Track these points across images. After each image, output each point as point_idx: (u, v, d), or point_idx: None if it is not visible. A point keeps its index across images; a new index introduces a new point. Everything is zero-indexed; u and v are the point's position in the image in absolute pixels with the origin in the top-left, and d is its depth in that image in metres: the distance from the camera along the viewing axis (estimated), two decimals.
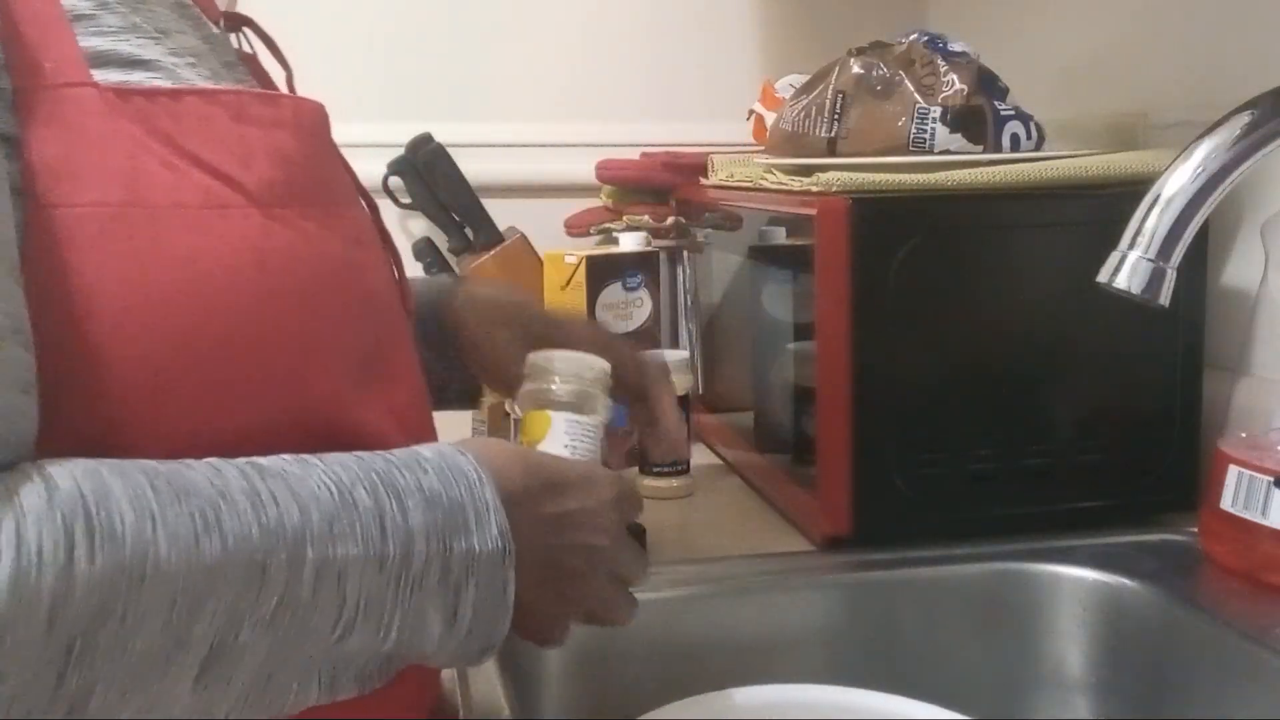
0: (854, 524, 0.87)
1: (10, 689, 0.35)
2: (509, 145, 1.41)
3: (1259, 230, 0.82)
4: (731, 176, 1.12)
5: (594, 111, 1.44)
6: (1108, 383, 0.89)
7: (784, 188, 0.93)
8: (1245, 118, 0.62)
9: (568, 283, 1.16)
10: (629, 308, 1.20)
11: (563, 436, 0.65)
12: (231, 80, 0.52)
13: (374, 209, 0.59)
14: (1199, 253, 0.89)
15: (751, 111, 1.28)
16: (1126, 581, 0.81)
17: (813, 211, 0.85)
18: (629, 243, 1.24)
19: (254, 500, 0.42)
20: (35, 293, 0.41)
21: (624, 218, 1.33)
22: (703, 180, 1.21)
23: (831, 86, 0.96)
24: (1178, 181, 0.62)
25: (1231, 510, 0.79)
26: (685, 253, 1.23)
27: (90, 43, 0.45)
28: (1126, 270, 0.63)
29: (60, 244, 0.41)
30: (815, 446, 0.87)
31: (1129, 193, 0.67)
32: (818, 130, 0.96)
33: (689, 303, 1.23)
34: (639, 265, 1.20)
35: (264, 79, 0.58)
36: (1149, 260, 0.62)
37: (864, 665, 0.83)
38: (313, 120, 0.52)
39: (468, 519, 0.47)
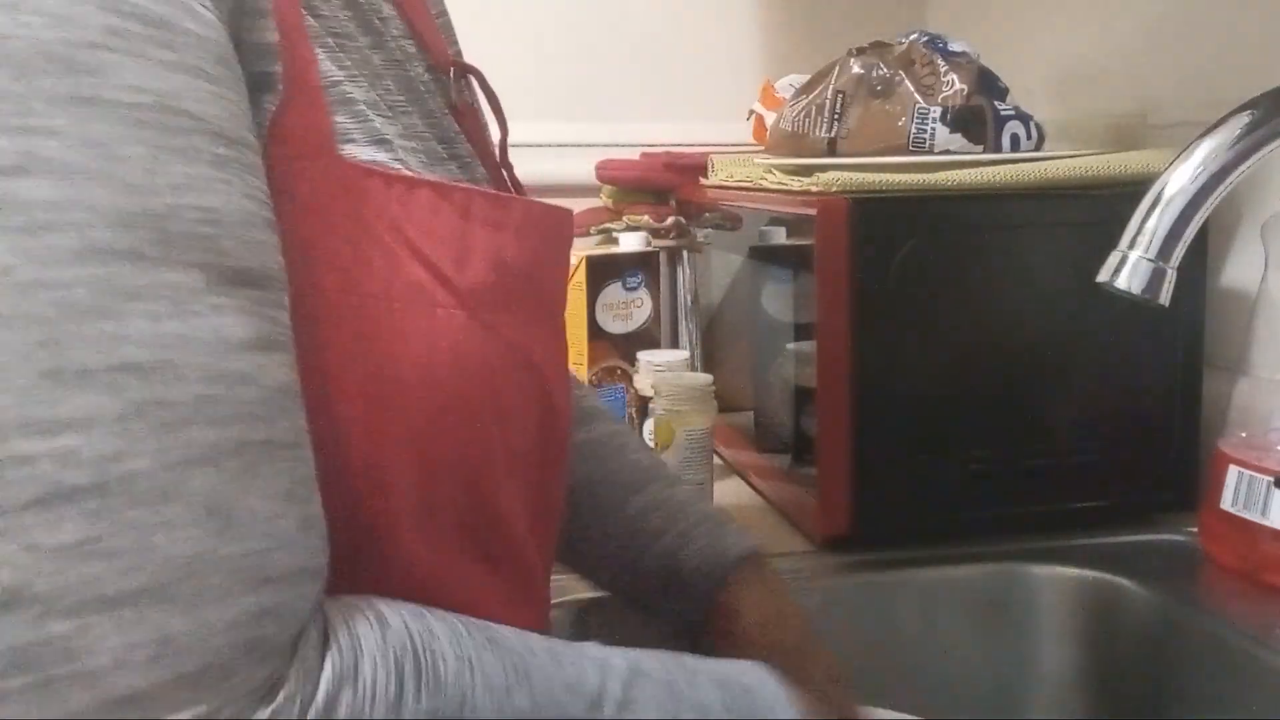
0: (854, 524, 0.87)
1: None
2: (509, 145, 1.40)
3: (1259, 230, 0.82)
4: (731, 176, 1.12)
5: (594, 111, 1.45)
6: (1107, 383, 0.89)
7: (784, 188, 0.93)
8: (1245, 118, 0.62)
9: (568, 282, 1.16)
10: (629, 308, 1.20)
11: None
12: (449, 158, 0.50)
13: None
14: (1199, 253, 0.89)
15: (751, 111, 1.28)
16: (1126, 582, 0.81)
17: (813, 211, 0.85)
18: (629, 243, 1.24)
19: (555, 658, 0.42)
20: None
21: (624, 218, 1.32)
22: (703, 180, 1.21)
23: (831, 86, 0.96)
24: (1178, 181, 0.62)
25: (1231, 510, 0.79)
26: (685, 253, 1.23)
27: (341, 117, 0.43)
28: (1126, 270, 0.63)
29: None
30: (815, 446, 0.87)
31: (1129, 193, 0.67)
32: (818, 130, 0.96)
33: (689, 303, 1.23)
34: (639, 265, 1.20)
35: (480, 138, 0.56)
36: (1149, 260, 0.62)
37: (864, 665, 0.83)
38: (543, 226, 0.49)
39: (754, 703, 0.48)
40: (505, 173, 0.57)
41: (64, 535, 0.30)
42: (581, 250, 1.19)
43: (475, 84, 0.57)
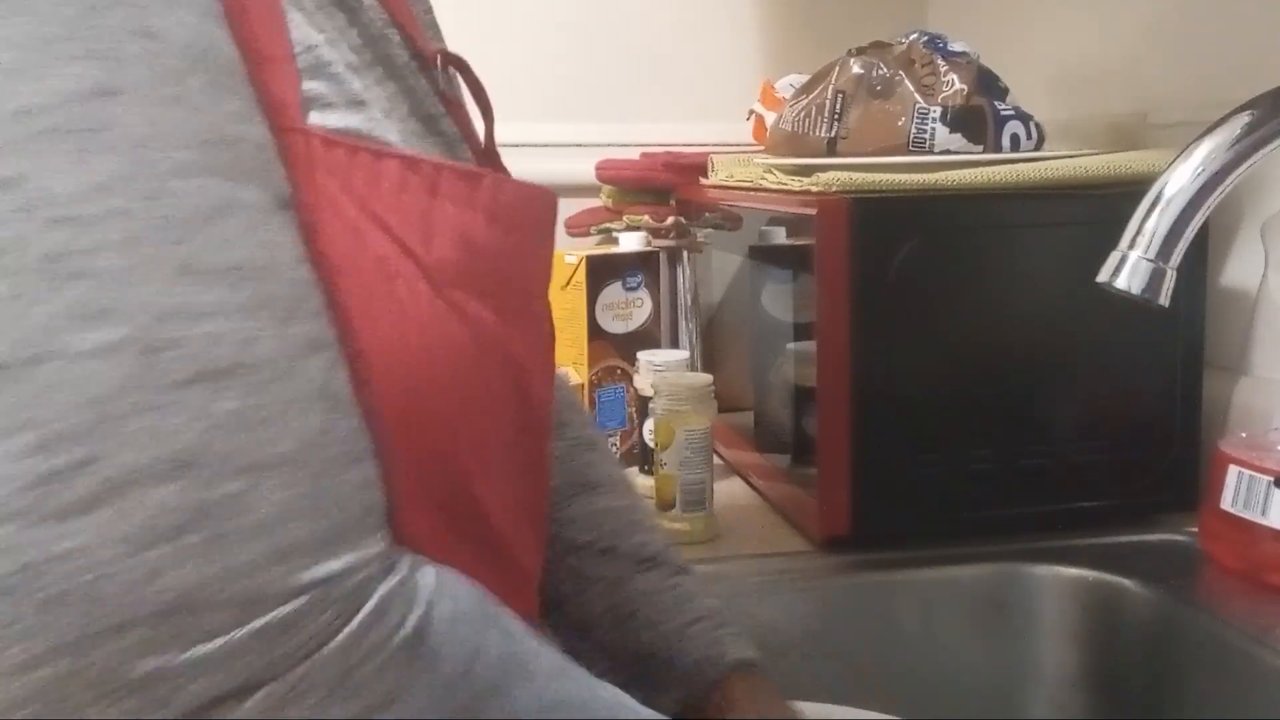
0: (854, 524, 0.87)
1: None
2: (509, 145, 1.39)
3: (1259, 230, 0.82)
4: (731, 176, 1.12)
5: (594, 111, 1.44)
6: (1108, 383, 0.89)
7: (784, 188, 0.93)
8: (1245, 118, 0.62)
9: (568, 282, 1.16)
10: (629, 308, 1.20)
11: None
12: (432, 134, 0.50)
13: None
14: (1199, 253, 0.89)
15: (751, 111, 1.28)
16: (1126, 581, 0.81)
17: (813, 211, 0.85)
18: (629, 243, 1.24)
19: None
20: None
21: (624, 218, 1.32)
22: (703, 180, 1.21)
23: (831, 86, 0.96)
24: (1178, 181, 0.62)
25: (1231, 510, 0.79)
26: (685, 253, 1.23)
27: (314, 82, 0.43)
28: (1126, 270, 0.63)
29: None
30: (815, 446, 0.87)
31: (1129, 193, 0.67)
32: (818, 130, 0.96)
33: (689, 303, 1.23)
34: (639, 265, 1.20)
35: (466, 125, 0.55)
36: (1149, 260, 0.62)
37: (864, 665, 0.83)
38: (519, 207, 0.49)
39: None
40: (493, 163, 0.57)
41: (225, 405, 0.33)
42: (581, 250, 1.19)
43: (460, 77, 0.57)
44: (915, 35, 0.97)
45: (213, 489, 0.33)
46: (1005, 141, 0.93)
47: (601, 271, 1.17)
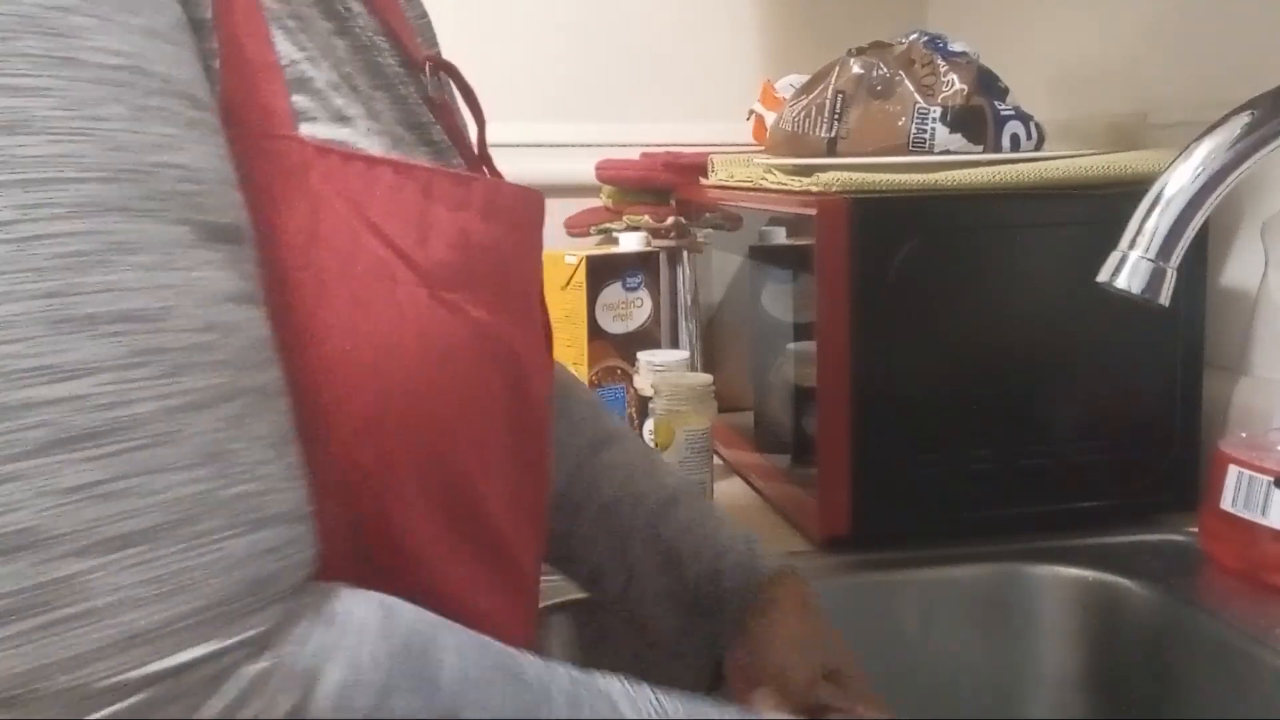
0: (854, 524, 0.87)
1: None
2: (509, 145, 1.40)
3: (1259, 230, 0.82)
4: (731, 176, 1.12)
5: (594, 111, 1.44)
6: (1107, 383, 0.89)
7: (784, 188, 0.93)
8: (1245, 118, 0.62)
9: (568, 283, 1.16)
10: (629, 308, 1.20)
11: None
12: (420, 143, 0.50)
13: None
14: (1199, 253, 0.89)
15: (751, 111, 1.28)
16: (1126, 581, 0.81)
17: (813, 211, 0.85)
18: (629, 243, 1.24)
19: (575, 706, 0.42)
20: None
21: (624, 218, 1.32)
22: (703, 180, 1.21)
23: (831, 86, 0.96)
24: (1178, 181, 0.62)
25: (1231, 510, 0.79)
26: (685, 253, 1.23)
27: (299, 96, 0.43)
28: (1126, 270, 0.63)
29: None
30: (815, 446, 0.87)
31: (1129, 193, 0.67)
32: (818, 130, 0.96)
33: (689, 303, 1.23)
34: (639, 265, 1.20)
35: (456, 131, 0.56)
36: (1149, 260, 0.62)
37: (864, 665, 0.83)
38: (510, 208, 0.49)
39: None
40: (485, 166, 0.57)
41: (75, 478, 0.31)
42: (581, 250, 1.19)
43: (451, 82, 0.57)
44: (915, 35, 0.97)
45: (49, 571, 0.30)
46: (1005, 141, 0.93)
47: (601, 271, 1.17)
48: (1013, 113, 0.94)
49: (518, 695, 0.40)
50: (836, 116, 0.95)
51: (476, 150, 0.57)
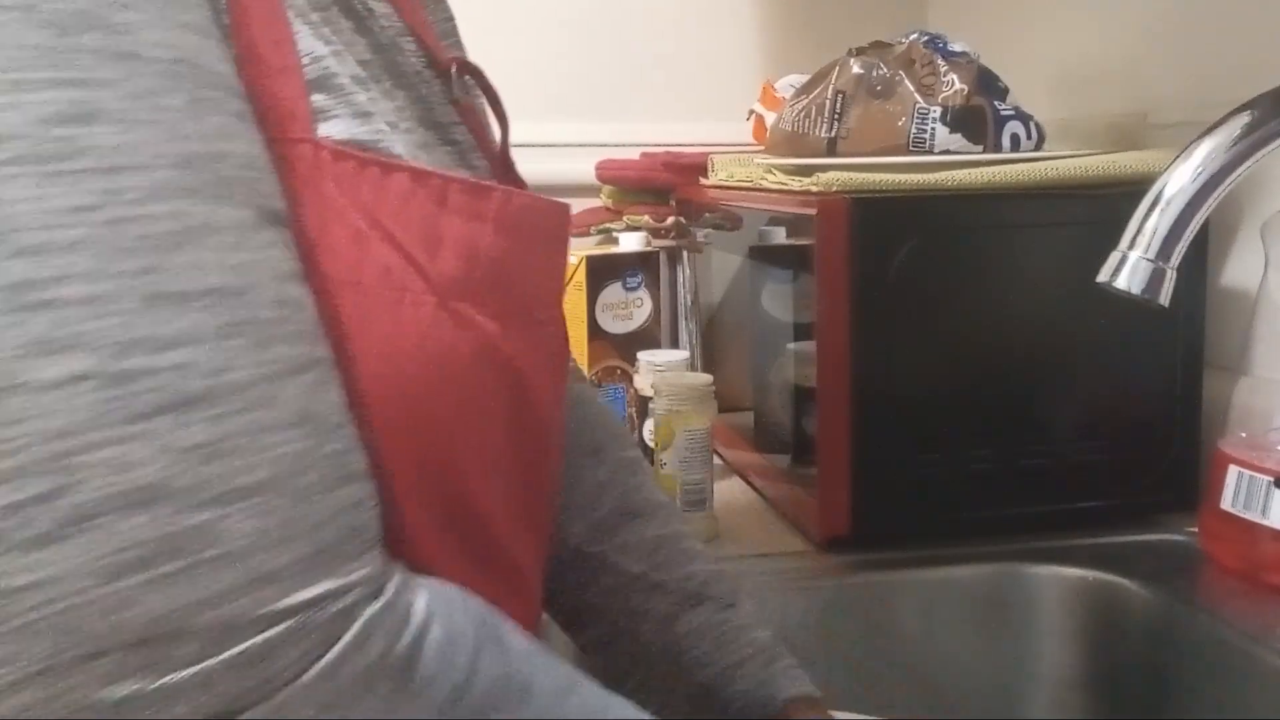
0: (853, 524, 0.87)
1: None
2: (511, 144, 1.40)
3: (1259, 230, 0.82)
4: (731, 176, 1.12)
5: (594, 111, 1.45)
6: (1107, 383, 0.89)
7: (784, 188, 0.93)
8: (1245, 118, 0.62)
9: (568, 283, 1.16)
10: (629, 308, 1.20)
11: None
12: (443, 143, 0.50)
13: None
14: (1199, 253, 0.89)
15: (751, 111, 1.28)
16: (1126, 582, 0.81)
17: (813, 211, 0.85)
18: (629, 243, 1.24)
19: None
20: None
21: (624, 218, 1.33)
22: (703, 180, 1.21)
23: (831, 86, 0.96)
24: (1178, 181, 0.62)
25: (1231, 510, 0.79)
26: (685, 253, 1.23)
27: (319, 95, 0.43)
28: (1126, 270, 0.63)
29: None
30: (815, 446, 0.87)
31: (1129, 193, 0.67)
32: (818, 130, 0.96)
33: (689, 303, 1.23)
34: (639, 265, 1.20)
35: (480, 132, 0.55)
36: (1149, 260, 0.62)
37: (863, 666, 0.83)
38: (530, 220, 0.48)
39: None
40: (506, 169, 0.57)
41: (189, 438, 0.33)
42: (581, 250, 1.19)
43: (476, 84, 0.57)
44: (915, 35, 0.97)
45: (181, 520, 0.33)
46: (1005, 141, 0.93)
47: (601, 271, 1.17)
48: (1013, 113, 0.94)
49: (561, 668, 0.43)
50: (836, 116, 0.95)
51: (499, 154, 0.57)
